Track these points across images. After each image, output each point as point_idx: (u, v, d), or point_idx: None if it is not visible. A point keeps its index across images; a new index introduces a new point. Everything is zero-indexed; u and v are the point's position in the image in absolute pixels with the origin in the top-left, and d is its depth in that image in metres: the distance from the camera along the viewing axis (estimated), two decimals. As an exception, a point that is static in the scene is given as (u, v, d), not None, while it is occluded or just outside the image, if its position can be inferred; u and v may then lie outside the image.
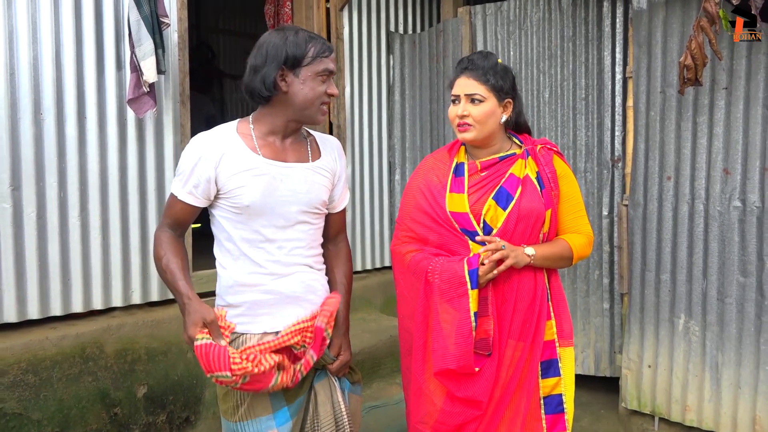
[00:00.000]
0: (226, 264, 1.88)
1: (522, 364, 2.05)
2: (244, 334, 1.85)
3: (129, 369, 3.09)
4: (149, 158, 3.28)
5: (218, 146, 1.79)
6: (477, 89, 2.00)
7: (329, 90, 1.83)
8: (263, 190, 1.81)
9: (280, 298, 1.86)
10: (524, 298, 2.04)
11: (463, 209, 2.03)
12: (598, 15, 3.70)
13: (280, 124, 1.84)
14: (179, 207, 1.85)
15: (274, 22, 4.40)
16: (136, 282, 3.26)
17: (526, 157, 2.09)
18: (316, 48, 1.79)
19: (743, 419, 3.14)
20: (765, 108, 3.03)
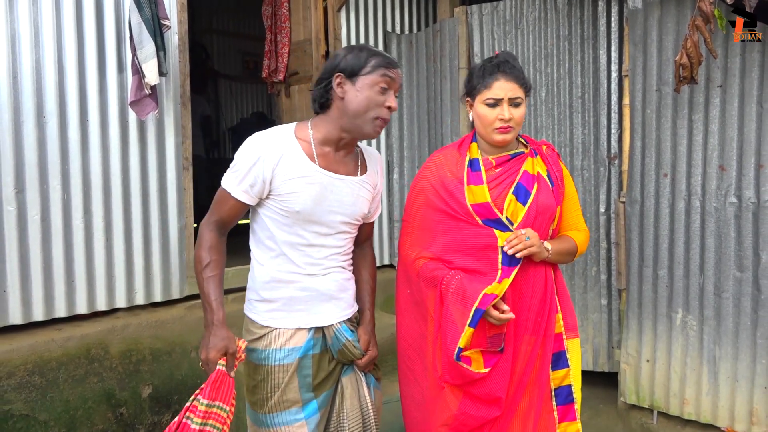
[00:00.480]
0: (264, 261, 1.92)
1: (534, 357, 2.09)
2: (277, 329, 1.90)
3: (134, 369, 3.11)
4: (151, 159, 3.30)
5: (278, 148, 1.82)
6: (519, 92, 2.04)
7: (388, 102, 1.84)
8: (314, 199, 1.85)
9: (316, 295, 1.92)
10: (538, 292, 2.08)
11: (484, 199, 2.04)
12: (593, 14, 3.74)
13: (335, 134, 1.87)
14: (231, 204, 1.85)
15: (271, 23, 4.41)
16: (139, 283, 3.28)
17: (534, 156, 2.15)
18: (378, 60, 1.82)
19: (740, 412, 3.19)
20: (759, 105, 3.08)
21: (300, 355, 1.90)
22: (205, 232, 1.88)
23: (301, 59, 4.23)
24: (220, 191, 1.88)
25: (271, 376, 1.90)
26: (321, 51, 4.11)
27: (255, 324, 1.94)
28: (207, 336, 1.80)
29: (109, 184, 3.16)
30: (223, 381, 1.77)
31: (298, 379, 1.90)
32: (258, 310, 1.94)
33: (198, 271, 1.86)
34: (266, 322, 1.91)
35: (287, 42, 4.28)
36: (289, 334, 1.90)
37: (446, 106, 4.31)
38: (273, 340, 1.89)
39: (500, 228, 2.05)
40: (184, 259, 3.43)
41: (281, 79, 4.36)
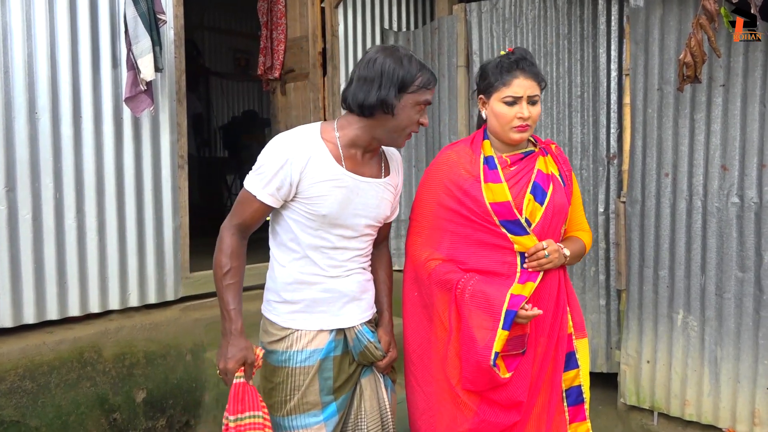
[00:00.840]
0: (286, 262, 1.89)
1: (548, 359, 2.06)
2: (299, 331, 1.87)
3: (127, 373, 3.03)
4: (146, 157, 3.22)
5: (306, 150, 1.77)
6: (536, 90, 2.00)
7: (422, 119, 1.84)
8: (341, 202, 1.82)
9: (339, 296, 1.90)
10: (553, 294, 2.05)
11: (504, 198, 1.99)
12: (593, 13, 3.71)
13: (365, 139, 1.84)
14: (255, 207, 1.81)
15: (267, 19, 4.35)
16: (133, 284, 3.20)
17: (545, 155, 2.12)
18: (424, 78, 1.79)
19: (742, 413, 3.18)
20: (762, 105, 3.06)
21: (321, 356, 1.88)
22: (226, 237, 1.83)
23: (297, 56, 4.17)
24: (244, 193, 1.82)
25: (292, 378, 1.87)
26: (318, 48, 4.05)
27: (275, 325, 1.90)
28: (225, 345, 1.77)
29: (102, 182, 3.08)
30: (245, 391, 1.75)
31: (318, 382, 1.88)
32: (279, 311, 1.90)
33: (218, 277, 1.81)
34: (287, 323, 1.88)
35: (283, 39, 4.22)
36: (311, 335, 1.87)
37: (444, 104, 4.27)
38: (294, 342, 1.86)
39: (516, 230, 1.99)
40: (179, 260, 3.36)
41: (277, 77, 4.29)
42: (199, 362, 3.27)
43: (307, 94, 4.13)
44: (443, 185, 2.06)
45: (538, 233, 2.01)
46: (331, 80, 4.06)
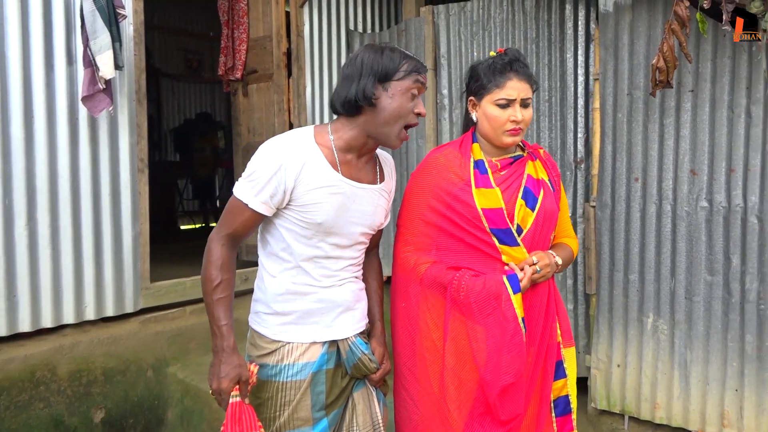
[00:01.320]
0: (277, 272, 1.79)
1: (538, 369, 2.01)
2: (290, 343, 1.78)
3: (84, 392, 2.84)
4: (103, 161, 3.04)
5: (300, 155, 1.69)
6: (529, 93, 1.95)
7: (417, 108, 1.75)
8: (337, 210, 1.74)
9: (332, 306, 1.81)
10: (543, 303, 2.00)
11: (497, 204, 1.92)
12: (561, 17, 3.71)
13: (361, 141, 1.76)
14: (247, 216, 1.71)
15: (228, 18, 4.19)
16: (89, 296, 3.00)
17: (534, 159, 2.07)
18: (410, 64, 1.73)
19: (711, 415, 3.21)
20: (730, 110, 3.11)
21: (314, 370, 1.78)
22: (215, 248, 1.71)
23: (260, 56, 4.02)
24: (234, 202, 1.72)
25: (282, 393, 1.77)
26: (282, 48, 3.92)
27: (265, 338, 1.79)
28: (217, 364, 1.66)
29: (56, 187, 2.88)
30: (242, 411, 1.66)
31: (311, 397, 1.78)
32: (269, 323, 1.79)
33: (207, 291, 1.69)
34: (278, 336, 1.78)
35: (245, 38, 4.07)
36: (303, 348, 1.78)
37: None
38: (286, 355, 1.77)
39: (506, 240, 1.94)
40: (138, 270, 3.17)
41: (239, 77, 4.13)
42: (161, 378, 3.09)
43: (271, 96, 3.99)
44: (432, 190, 1.99)
45: (530, 239, 1.96)
46: (296, 82, 3.94)
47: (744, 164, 3.09)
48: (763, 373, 3.07)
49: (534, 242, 1.97)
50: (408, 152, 4.18)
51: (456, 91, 4.04)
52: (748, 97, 3.07)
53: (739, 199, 3.10)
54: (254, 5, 4.03)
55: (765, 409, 3.08)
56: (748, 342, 3.10)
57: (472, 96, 2.01)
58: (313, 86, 4.13)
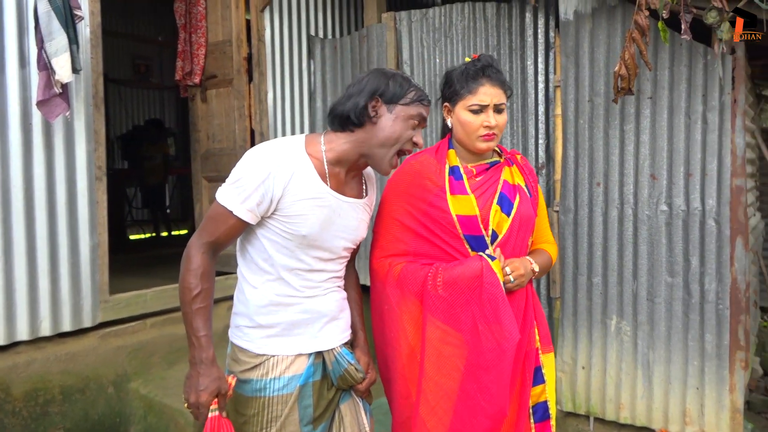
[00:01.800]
0: (258, 284, 1.73)
1: (516, 375, 1.99)
2: (275, 356, 1.72)
3: (42, 412, 2.68)
4: (59, 168, 2.89)
5: (290, 164, 1.65)
6: (503, 98, 1.95)
7: (415, 138, 1.74)
8: (322, 223, 1.70)
9: (317, 316, 1.77)
10: (521, 308, 1.99)
11: (471, 212, 1.93)
12: (521, 25, 3.76)
13: (352, 156, 1.73)
14: (231, 224, 1.64)
15: (185, 21, 4.07)
16: (44, 310, 2.85)
17: (510, 165, 2.07)
18: (417, 93, 1.73)
19: (674, 413, 3.30)
20: (687, 116, 3.21)
21: (300, 383, 1.73)
22: (195, 255, 1.64)
23: (220, 61, 3.93)
24: (217, 208, 1.65)
25: (268, 409, 1.70)
26: (243, 53, 3.83)
27: (248, 353, 1.73)
28: (195, 376, 1.59)
29: (8, 196, 2.72)
30: (221, 425, 1.59)
31: (298, 411, 1.72)
32: (252, 337, 1.73)
33: (185, 300, 1.62)
34: (262, 349, 1.72)
35: (204, 42, 3.97)
36: (289, 361, 1.72)
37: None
38: (271, 369, 1.70)
39: (477, 247, 1.95)
40: (96, 282, 3.03)
41: (197, 83, 4.02)
42: (122, 394, 2.95)
43: (231, 102, 3.90)
44: (408, 196, 1.99)
45: (506, 245, 1.96)
46: (257, 87, 3.86)
47: (701, 169, 3.19)
48: (722, 371, 3.17)
49: (510, 248, 1.96)
50: (371, 159, 4.15)
51: (419, 98, 4.04)
52: (704, 104, 3.17)
53: (697, 203, 3.20)
54: (213, 9, 3.93)
55: (725, 406, 3.18)
56: (708, 341, 3.20)
57: (447, 102, 2.01)
58: (275, 92, 4.05)
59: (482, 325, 1.86)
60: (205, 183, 4.06)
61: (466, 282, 1.87)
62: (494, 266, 1.87)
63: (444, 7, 3.95)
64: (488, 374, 1.86)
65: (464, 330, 1.88)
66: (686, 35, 2.86)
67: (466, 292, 1.88)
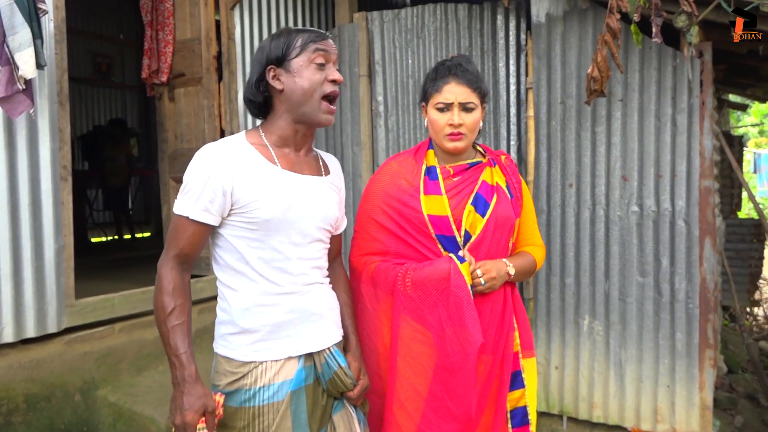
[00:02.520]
0: (238, 286, 1.64)
1: (493, 378, 1.98)
2: (263, 363, 1.63)
3: (5, 422, 2.56)
4: (21, 168, 2.77)
5: (232, 156, 1.60)
6: (471, 97, 1.93)
7: (330, 75, 1.65)
8: (283, 204, 1.62)
9: (305, 315, 1.68)
10: (496, 311, 1.97)
11: (443, 212, 1.92)
12: (493, 27, 3.78)
13: (289, 130, 1.68)
14: (191, 231, 1.59)
15: (151, 18, 3.97)
16: (7, 316, 2.72)
17: (492, 165, 2.06)
18: (304, 37, 1.64)
19: (645, 411, 3.35)
20: (657, 119, 3.27)
21: (292, 388, 1.64)
22: (164, 273, 1.59)
23: (188, 59, 3.84)
24: (176, 220, 1.61)
25: (259, 419, 1.61)
26: (212, 51, 3.76)
27: (233, 362, 1.64)
28: (179, 396, 1.52)
29: (-32, 197, 2.60)
30: None
31: (291, 419, 1.63)
32: (236, 344, 1.64)
33: (160, 320, 1.56)
34: (249, 357, 1.63)
35: (171, 40, 3.87)
36: (278, 366, 1.64)
37: (346, 115, 4.14)
38: (259, 376, 1.62)
39: (451, 248, 1.94)
40: (62, 286, 2.91)
41: (164, 81, 3.92)
42: (90, 402, 2.85)
43: (201, 101, 3.81)
44: (384, 196, 2.00)
45: (479, 246, 1.95)
46: (227, 86, 3.78)
47: (671, 170, 3.25)
48: (692, 369, 3.23)
49: (485, 248, 1.95)
50: (343, 159, 4.11)
51: (391, 99, 4.03)
52: (673, 106, 3.23)
53: (667, 204, 3.26)
54: (180, 6, 3.84)
55: (694, 404, 3.24)
56: (678, 340, 3.26)
57: (423, 102, 2.03)
58: (245, 91, 3.98)
59: (448, 327, 1.86)
60: (173, 184, 3.96)
61: (434, 284, 1.87)
62: (462, 268, 1.86)
63: (416, 8, 3.95)
64: (453, 377, 1.86)
65: (432, 330, 1.88)
66: (657, 38, 2.91)
67: (433, 293, 1.87)
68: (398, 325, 1.91)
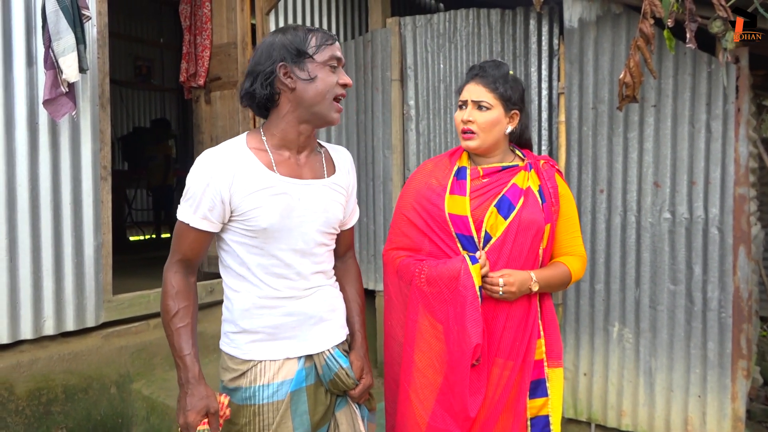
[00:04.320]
0: (240, 288, 1.68)
1: (511, 384, 1.98)
2: (262, 362, 1.67)
3: (44, 411, 2.68)
4: (64, 168, 2.89)
5: (230, 163, 1.60)
6: (485, 96, 1.95)
7: (341, 79, 1.65)
8: (281, 211, 1.63)
9: (304, 318, 1.70)
10: (515, 316, 1.97)
11: (463, 212, 1.96)
12: (525, 32, 3.78)
13: (293, 132, 1.66)
14: (192, 237, 1.62)
15: (190, 23, 4.08)
16: (48, 310, 2.84)
17: (528, 170, 2.04)
18: (318, 37, 1.63)
19: (675, 421, 3.30)
20: (691, 125, 3.22)
21: (292, 389, 1.68)
22: (169, 277, 1.64)
23: (224, 63, 3.93)
24: (178, 226, 1.65)
25: (259, 417, 1.65)
26: (247, 55, 3.84)
27: (235, 359, 1.68)
28: (183, 397, 1.57)
29: (14, 195, 2.72)
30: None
31: (293, 419, 1.67)
32: (238, 342, 1.68)
33: (165, 322, 1.61)
34: (248, 355, 1.67)
35: (208, 44, 3.97)
36: (277, 366, 1.67)
37: (378, 118, 4.18)
38: (258, 375, 1.66)
39: (467, 246, 1.96)
40: (100, 282, 3.02)
41: (201, 84, 4.03)
42: (125, 395, 2.95)
43: (235, 104, 3.91)
44: (415, 193, 2.07)
45: (500, 248, 1.95)
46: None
47: (705, 177, 3.20)
48: (725, 379, 3.18)
49: (507, 251, 1.95)
50: (374, 162, 4.16)
51: (422, 103, 4.06)
52: (707, 112, 3.19)
53: (700, 211, 3.22)
54: (218, 11, 3.94)
55: (726, 415, 3.18)
56: (710, 349, 3.21)
57: None
58: (279, 95, 4.06)
59: (453, 324, 1.89)
60: (208, 185, 4.06)
61: (445, 282, 1.90)
62: (473, 269, 1.87)
63: (449, 13, 3.97)
64: (453, 373, 1.89)
65: (443, 326, 1.92)
66: (692, 44, 2.87)
67: (444, 291, 1.91)
68: (416, 319, 1.97)
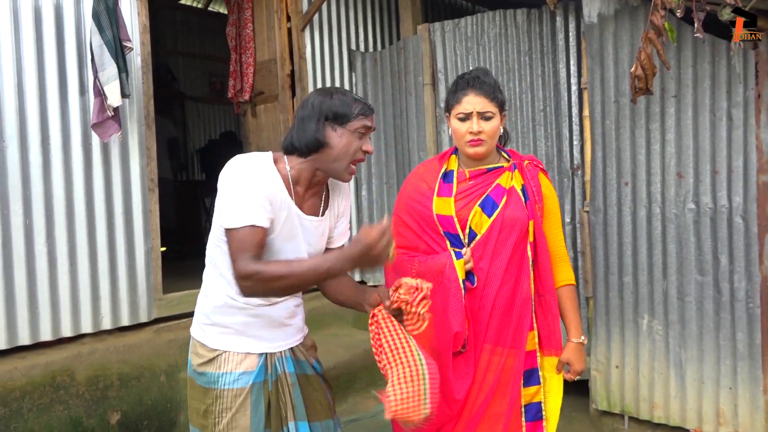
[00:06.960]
0: (217, 287, 1.88)
1: (500, 369, 2.10)
2: (227, 352, 1.88)
3: (101, 396, 3.05)
4: (116, 182, 3.27)
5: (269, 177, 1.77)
6: (489, 107, 2.07)
7: (365, 147, 1.84)
8: (285, 236, 1.82)
9: (268, 321, 1.90)
10: (500, 306, 2.10)
11: (448, 212, 2.11)
12: (552, 30, 3.83)
13: (307, 175, 1.84)
14: (261, 235, 1.75)
15: (236, 44, 4.43)
16: (105, 307, 3.23)
17: (513, 170, 2.17)
18: (360, 107, 1.83)
19: (708, 413, 3.26)
20: (712, 114, 3.18)
21: (254, 380, 1.87)
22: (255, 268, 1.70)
23: (266, 79, 4.25)
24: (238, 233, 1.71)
25: (221, 400, 1.86)
26: (286, 70, 4.13)
27: (205, 347, 1.90)
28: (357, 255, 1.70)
29: (72, 207, 3.12)
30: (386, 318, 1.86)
31: (251, 407, 1.86)
32: (208, 333, 1.90)
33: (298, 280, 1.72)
34: (216, 344, 1.88)
35: (252, 62, 4.30)
36: (240, 358, 1.87)
37: (412, 122, 4.36)
38: (223, 363, 1.86)
39: (456, 244, 2.11)
40: (151, 282, 3.39)
41: (247, 99, 4.37)
42: (173, 383, 3.29)
43: (277, 116, 4.21)
44: (409, 195, 2.23)
45: (485, 244, 2.08)
46: (299, 101, 4.15)
47: (727, 166, 3.15)
48: (755, 371, 3.11)
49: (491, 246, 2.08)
50: (410, 164, 4.33)
51: (454, 105, 4.19)
52: (728, 100, 3.14)
53: (724, 200, 3.16)
54: (260, 31, 4.26)
55: (759, 407, 3.11)
56: (740, 340, 3.15)
57: (447, 113, 2.19)
58: (317, 105, 4.33)
59: (439, 313, 2.03)
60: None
61: (432, 275, 2.04)
62: (457, 264, 2.02)
63: (475, 16, 4.08)
64: (439, 359, 2.02)
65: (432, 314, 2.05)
66: (699, 33, 2.85)
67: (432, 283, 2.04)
68: None
